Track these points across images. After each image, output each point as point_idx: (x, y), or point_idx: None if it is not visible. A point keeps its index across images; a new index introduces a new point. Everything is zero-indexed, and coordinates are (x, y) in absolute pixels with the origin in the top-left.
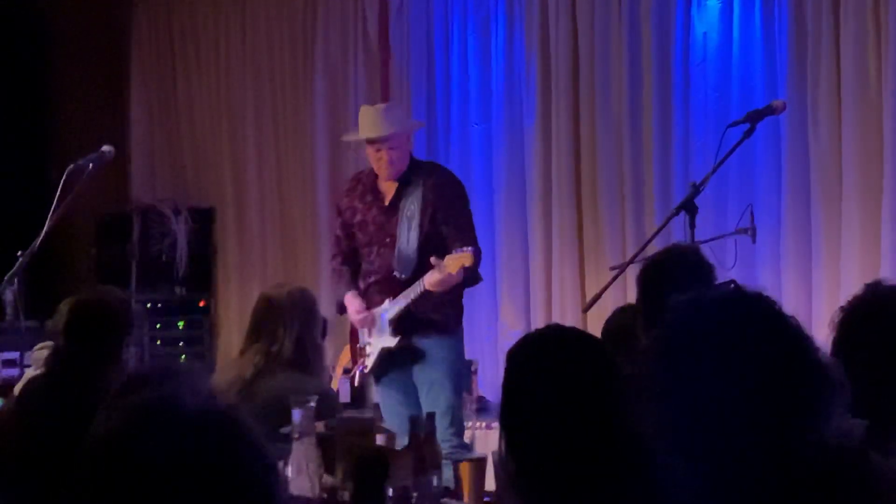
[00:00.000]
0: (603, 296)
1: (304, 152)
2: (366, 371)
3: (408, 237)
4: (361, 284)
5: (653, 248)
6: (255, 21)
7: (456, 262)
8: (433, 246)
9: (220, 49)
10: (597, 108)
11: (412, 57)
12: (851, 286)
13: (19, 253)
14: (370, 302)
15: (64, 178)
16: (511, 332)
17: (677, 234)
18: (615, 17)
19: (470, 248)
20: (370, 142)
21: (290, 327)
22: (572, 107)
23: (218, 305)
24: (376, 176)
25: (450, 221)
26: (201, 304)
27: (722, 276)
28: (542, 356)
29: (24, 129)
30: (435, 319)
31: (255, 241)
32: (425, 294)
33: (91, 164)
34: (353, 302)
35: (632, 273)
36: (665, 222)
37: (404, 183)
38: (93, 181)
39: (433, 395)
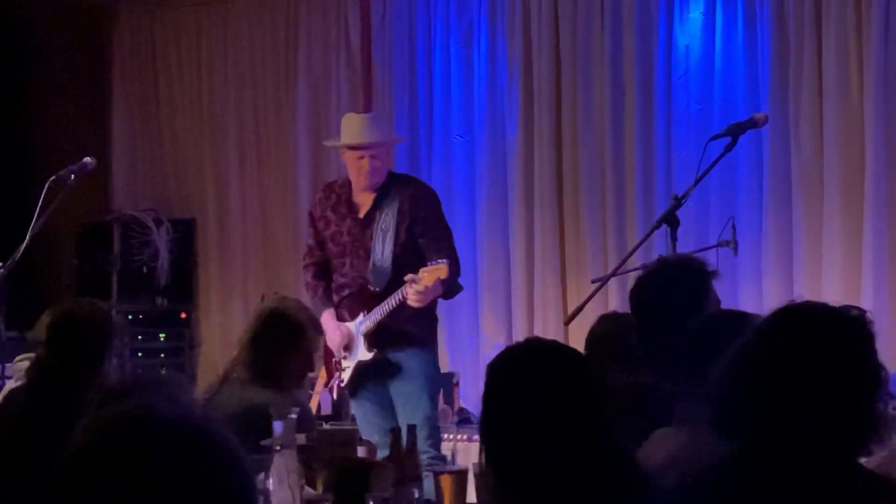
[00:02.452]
0: (585, 308)
1: (287, 163)
2: (342, 385)
3: (382, 249)
4: (335, 298)
5: (634, 261)
6: (238, 32)
7: (431, 274)
8: (409, 258)
9: (202, 60)
10: (579, 120)
11: (394, 68)
12: (833, 298)
13: (0, 264)
14: (344, 315)
15: (45, 189)
16: (492, 344)
17: (659, 246)
18: (597, 30)
19: (445, 260)
20: (352, 148)
21: (251, 343)
22: (554, 119)
23: (199, 317)
24: (351, 187)
25: (427, 233)
26: (182, 315)
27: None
28: (523, 369)
29: (6, 140)
30: (410, 332)
31: (236, 252)
32: (400, 306)
33: (72, 175)
34: (330, 324)
35: (614, 285)
36: (647, 235)
37: (381, 195)
38: (74, 192)
39: (410, 407)
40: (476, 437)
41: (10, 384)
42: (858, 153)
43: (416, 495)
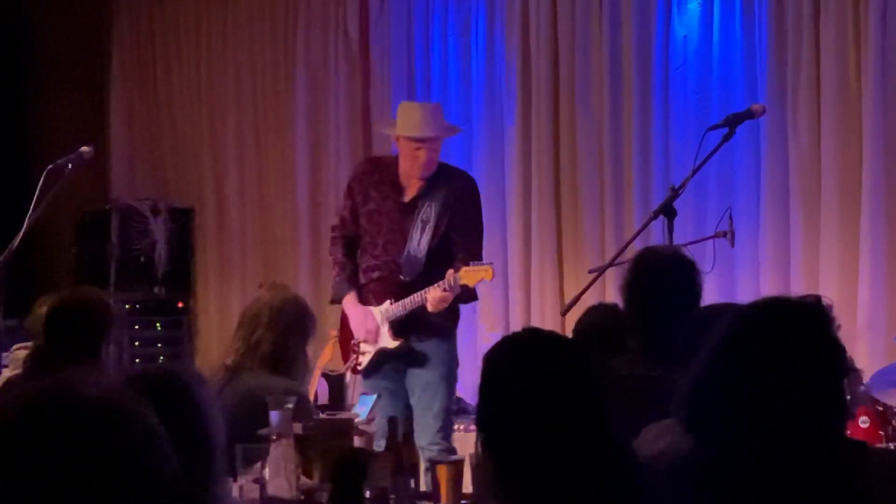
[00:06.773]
0: (582, 298)
1: (285, 153)
2: (359, 368)
3: (419, 240)
4: (363, 279)
5: (632, 251)
6: (237, 21)
7: (474, 275)
8: (443, 253)
9: (200, 49)
10: (577, 110)
11: (392, 57)
12: (830, 289)
13: None
14: (369, 299)
15: (43, 177)
16: (490, 334)
17: (656, 237)
18: (595, 20)
19: (491, 263)
20: (412, 139)
21: (274, 328)
22: (552, 109)
23: (197, 306)
24: (398, 168)
25: (463, 229)
26: (180, 304)
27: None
28: (519, 359)
29: (4, 128)
30: (434, 322)
31: (234, 242)
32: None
33: (70, 164)
34: (357, 309)
35: (611, 275)
36: (644, 225)
37: (429, 185)
38: (72, 181)
39: (427, 396)
40: (473, 427)
41: (7, 373)
42: (856, 144)
43: (413, 485)
